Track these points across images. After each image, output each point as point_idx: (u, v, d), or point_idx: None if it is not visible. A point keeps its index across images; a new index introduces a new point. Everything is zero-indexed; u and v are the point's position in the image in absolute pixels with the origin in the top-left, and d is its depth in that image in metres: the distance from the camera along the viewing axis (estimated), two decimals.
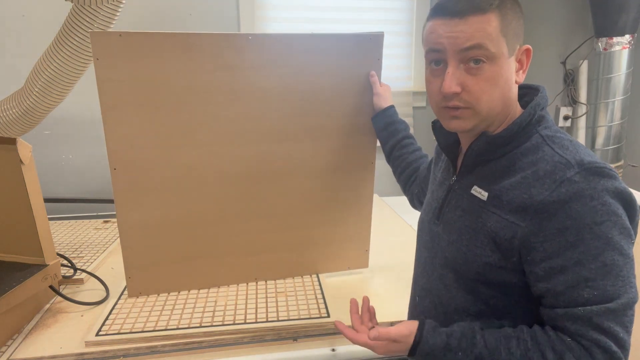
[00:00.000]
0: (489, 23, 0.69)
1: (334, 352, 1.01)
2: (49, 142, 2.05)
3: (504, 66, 0.70)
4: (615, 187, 0.65)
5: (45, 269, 1.11)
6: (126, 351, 1.01)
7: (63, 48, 1.46)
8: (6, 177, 1.08)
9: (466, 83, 0.71)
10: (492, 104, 0.72)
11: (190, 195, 1.17)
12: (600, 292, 0.64)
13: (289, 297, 1.21)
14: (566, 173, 0.66)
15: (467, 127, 0.74)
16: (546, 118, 0.74)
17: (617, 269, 0.64)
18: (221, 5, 2.11)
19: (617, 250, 0.64)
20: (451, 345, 0.71)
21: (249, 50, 1.09)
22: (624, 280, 0.64)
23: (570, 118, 2.62)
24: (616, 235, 0.64)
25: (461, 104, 0.72)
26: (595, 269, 0.64)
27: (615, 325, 0.63)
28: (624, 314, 0.64)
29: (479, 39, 0.68)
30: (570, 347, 0.65)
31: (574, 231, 0.64)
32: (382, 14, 2.28)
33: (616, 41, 2.12)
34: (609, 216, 0.64)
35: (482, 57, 0.69)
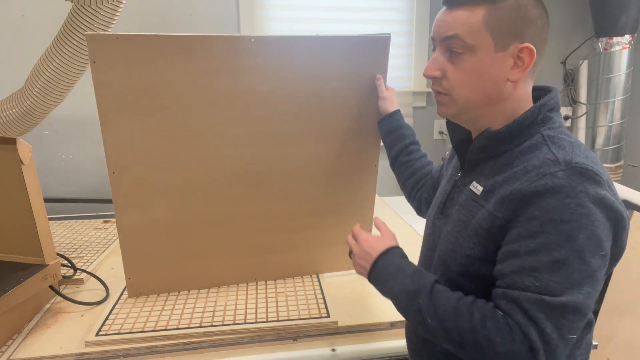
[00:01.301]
0: (472, 16, 0.71)
1: (334, 352, 1.01)
2: (49, 142, 2.05)
3: (486, 60, 0.72)
4: (597, 192, 0.64)
5: (45, 269, 1.11)
6: (126, 351, 1.01)
7: (63, 48, 1.46)
8: (6, 177, 1.08)
9: (446, 70, 0.75)
10: (469, 95, 0.74)
11: (191, 197, 1.16)
12: (542, 284, 0.64)
13: (289, 297, 1.21)
14: (551, 168, 0.66)
15: (449, 113, 0.79)
16: (553, 119, 0.74)
17: (569, 270, 0.63)
18: (221, 5, 2.11)
19: (577, 253, 0.63)
20: (405, 271, 0.77)
21: (252, 52, 1.06)
22: (573, 284, 0.63)
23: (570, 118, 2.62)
24: (581, 239, 0.63)
25: (441, 90, 0.77)
26: (545, 263, 0.64)
27: (546, 320, 0.63)
28: (561, 315, 0.62)
29: (456, 30, 0.72)
30: (497, 318, 0.66)
31: (539, 222, 0.65)
32: (382, 14, 2.28)
33: (616, 41, 2.12)
34: (580, 218, 0.63)
35: (459, 47, 0.73)
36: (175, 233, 1.18)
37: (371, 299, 1.22)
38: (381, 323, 1.10)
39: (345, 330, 1.08)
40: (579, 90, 2.54)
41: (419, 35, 2.31)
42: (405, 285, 0.75)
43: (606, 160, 2.24)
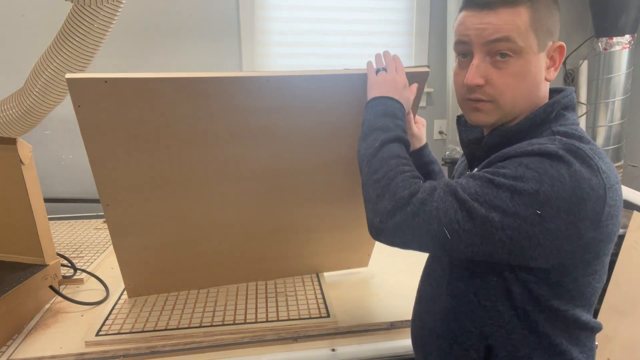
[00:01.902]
0: (519, 16, 0.69)
1: (334, 352, 1.01)
2: (49, 142, 2.05)
3: (532, 61, 0.70)
4: (581, 170, 0.63)
5: (45, 269, 1.11)
6: (126, 351, 1.01)
7: (63, 48, 1.46)
8: (6, 177, 1.08)
9: (491, 76, 0.71)
10: (516, 99, 0.72)
11: (188, 222, 1.11)
12: (467, 186, 0.67)
13: (289, 297, 1.21)
14: (544, 141, 0.67)
15: (490, 120, 0.75)
16: (567, 117, 0.73)
17: (496, 192, 0.64)
18: (221, 5, 2.12)
19: (515, 190, 0.63)
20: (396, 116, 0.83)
21: (260, 93, 0.92)
22: (487, 201, 0.64)
23: None
24: (530, 187, 0.63)
25: (484, 97, 0.73)
26: (484, 178, 0.66)
27: (444, 194, 0.67)
28: (456, 201, 0.66)
29: (507, 31, 0.69)
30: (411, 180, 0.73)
31: (510, 162, 0.66)
32: (382, 14, 2.28)
33: (616, 41, 2.12)
34: (544, 175, 0.62)
35: (508, 50, 0.69)
36: (172, 250, 1.16)
37: (371, 299, 1.22)
38: (381, 323, 1.10)
39: (345, 330, 1.08)
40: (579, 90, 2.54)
41: (419, 35, 2.31)
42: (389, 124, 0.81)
43: None
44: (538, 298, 0.71)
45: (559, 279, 0.70)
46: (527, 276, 0.70)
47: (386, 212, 0.71)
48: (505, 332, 0.74)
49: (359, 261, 1.37)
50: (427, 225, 0.67)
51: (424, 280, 0.90)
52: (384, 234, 0.72)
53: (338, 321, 1.09)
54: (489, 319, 0.75)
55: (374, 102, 0.85)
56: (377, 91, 0.87)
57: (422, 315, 0.88)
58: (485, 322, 0.75)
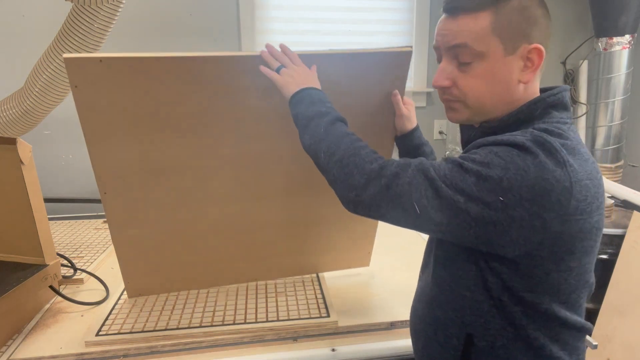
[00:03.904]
0: (478, 22, 0.71)
1: (334, 352, 1.01)
2: (49, 142, 2.05)
3: (498, 65, 0.72)
4: (546, 163, 0.64)
5: (45, 269, 1.11)
6: (126, 351, 1.01)
7: (63, 48, 1.46)
8: (6, 177, 1.08)
9: (456, 79, 0.75)
10: (482, 100, 0.75)
11: (186, 213, 1.12)
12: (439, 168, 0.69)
13: (289, 297, 1.21)
14: (517, 134, 0.69)
15: (462, 118, 0.79)
16: (552, 114, 0.73)
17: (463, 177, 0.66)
18: (221, 5, 2.12)
19: (481, 176, 0.65)
20: (321, 100, 0.86)
21: (255, 72, 0.93)
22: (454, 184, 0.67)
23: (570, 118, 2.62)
24: (496, 173, 0.64)
25: (452, 98, 0.77)
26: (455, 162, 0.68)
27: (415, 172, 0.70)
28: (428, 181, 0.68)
29: (463, 38, 0.72)
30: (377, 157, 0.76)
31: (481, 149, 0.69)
32: (382, 14, 2.28)
33: (616, 41, 2.12)
34: (511, 164, 0.64)
35: (467, 55, 0.72)
36: (171, 243, 1.16)
37: (371, 299, 1.22)
38: (381, 323, 1.10)
39: (345, 330, 1.08)
40: (579, 90, 2.54)
41: (419, 36, 2.31)
42: (323, 109, 0.84)
43: (606, 160, 2.24)
44: (511, 289, 0.72)
45: (529, 270, 0.70)
46: (499, 266, 0.71)
47: (360, 185, 0.74)
48: (484, 322, 0.76)
49: (360, 260, 1.37)
50: (400, 198, 0.70)
51: (421, 270, 0.94)
52: (362, 205, 0.75)
53: (338, 321, 1.09)
54: (468, 308, 0.77)
55: (296, 96, 0.88)
56: (292, 87, 0.89)
57: (416, 303, 0.90)
58: (466, 312, 0.77)
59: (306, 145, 0.85)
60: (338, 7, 2.24)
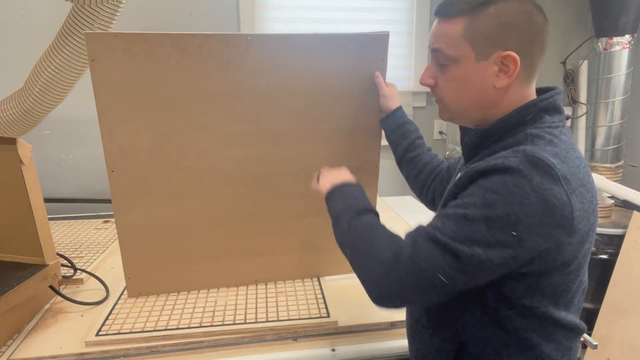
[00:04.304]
0: (452, 28, 0.74)
1: (334, 352, 1.01)
2: (49, 142, 2.05)
3: (471, 70, 0.74)
4: (543, 183, 0.64)
5: (45, 269, 1.11)
6: (126, 351, 1.01)
7: (63, 48, 1.46)
8: (6, 177, 1.08)
9: (438, 79, 0.80)
10: (459, 103, 0.79)
11: (189, 197, 1.15)
12: (444, 227, 0.68)
13: (289, 297, 1.21)
14: (508, 154, 0.68)
15: (445, 117, 0.84)
16: (544, 119, 0.74)
17: (472, 227, 0.65)
18: (221, 5, 2.12)
19: (488, 219, 0.65)
20: (354, 195, 0.87)
21: (249, 51, 1.07)
22: (466, 238, 0.65)
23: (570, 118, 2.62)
24: (500, 211, 0.64)
25: (435, 97, 0.83)
26: (457, 214, 0.68)
27: (441, 220, 0.69)
28: (440, 247, 0.67)
29: (438, 42, 0.77)
30: (388, 233, 0.77)
31: (475, 187, 0.68)
32: (382, 14, 2.28)
33: (616, 41, 2.12)
34: (510, 195, 0.64)
35: (442, 58, 0.77)
36: (174, 233, 1.18)
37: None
38: (381, 323, 1.10)
39: (345, 330, 1.08)
40: (579, 90, 2.54)
41: (419, 35, 2.31)
42: (351, 202, 0.85)
43: (606, 160, 2.24)
44: (510, 298, 0.73)
45: (534, 280, 0.71)
46: (502, 279, 0.71)
47: (380, 278, 0.72)
48: (477, 330, 0.76)
49: None
50: (422, 277, 0.68)
51: None
52: (387, 300, 0.73)
53: (338, 321, 1.09)
54: (461, 317, 0.78)
55: (329, 195, 0.92)
56: (327, 187, 0.93)
57: None
58: (458, 319, 0.78)
59: (338, 242, 0.86)
60: (338, 7, 2.24)
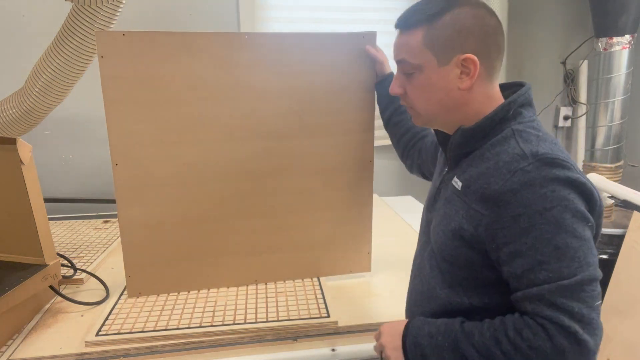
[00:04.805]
0: (412, 38, 0.79)
1: (334, 352, 1.01)
2: (49, 142, 2.05)
3: (434, 75, 0.78)
4: (567, 175, 0.69)
5: (45, 269, 1.11)
6: (126, 351, 1.01)
7: (63, 48, 1.46)
8: (6, 177, 1.08)
9: (406, 87, 0.84)
10: (428, 107, 0.82)
11: (190, 192, 1.18)
12: (555, 274, 0.67)
13: (289, 297, 1.21)
14: (520, 164, 0.71)
15: (419, 122, 0.87)
16: (523, 114, 0.78)
17: (572, 251, 0.67)
18: (221, 5, 2.12)
19: (570, 233, 0.67)
20: (432, 332, 0.77)
21: (246, 49, 1.13)
22: (580, 261, 0.67)
23: (570, 118, 2.62)
24: (568, 218, 0.67)
25: (406, 104, 0.87)
26: (549, 252, 0.67)
27: (570, 302, 0.66)
28: (580, 289, 0.66)
29: (402, 53, 0.81)
30: (528, 324, 0.68)
31: (526, 217, 0.69)
32: (382, 14, 2.28)
33: (616, 41, 2.12)
34: (559, 201, 0.67)
35: (407, 68, 0.81)
36: (175, 228, 1.20)
37: (371, 299, 1.22)
38: (381, 323, 1.09)
39: (345, 330, 1.08)
40: (579, 90, 2.54)
41: None
42: (439, 342, 0.75)
43: (606, 160, 2.24)
44: None
45: None
46: None
47: None
48: None
49: (360, 263, 1.36)
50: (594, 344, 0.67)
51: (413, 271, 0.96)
52: None
53: (338, 321, 1.09)
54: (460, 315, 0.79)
55: (411, 355, 0.79)
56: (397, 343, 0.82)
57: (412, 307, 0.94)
58: None
59: None
60: (338, 8, 2.24)
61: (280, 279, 1.31)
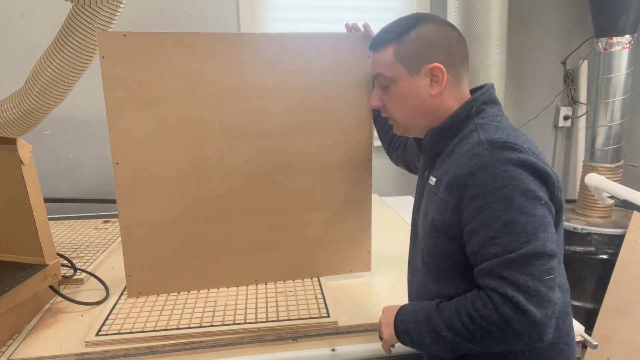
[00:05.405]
0: (385, 54, 0.87)
1: (334, 352, 1.01)
2: (49, 142, 2.06)
3: (407, 85, 0.86)
4: (519, 157, 0.73)
5: (45, 269, 1.11)
6: (126, 351, 1.01)
7: (63, 48, 1.46)
8: (6, 177, 1.08)
9: (384, 100, 0.91)
10: (406, 116, 0.89)
11: (190, 191, 1.19)
12: (503, 248, 0.72)
13: (289, 297, 1.21)
14: (476, 149, 0.77)
15: (399, 132, 0.95)
16: (486, 110, 0.84)
17: (519, 226, 0.71)
18: (221, 6, 2.12)
19: (519, 210, 0.72)
20: (415, 310, 0.85)
21: (245, 49, 1.15)
22: (528, 236, 0.71)
23: (570, 118, 2.62)
24: (517, 197, 0.72)
25: (386, 115, 0.94)
26: (498, 228, 0.72)
27: (516, 274, 0.70)
28: (527, 262, 0.70)
29: (377, 69, 0.89)
30: (481, 297, 0.73)
31: (480, 197, 0.74)
32: (382, 14, 2.28)
33: (616, 41, 2.12)
34: (510, 181, 0.72)
35: (384, 81, 0.88)
36: (175, 227, 1.20)
37: (371, 299, 1.22)
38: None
39: (345, 330, 1.08)
40: (579, 90, 2.55)
41: None
42: (419, 317, 0.83)
43: (606, 160, 2.24)
44: None
45: None
46: None
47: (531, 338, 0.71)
48: None
49: (360, 262, 1.36)
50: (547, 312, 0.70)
51: (409, 272, 1.00)
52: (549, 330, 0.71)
53: (338, 321, 1.09)
54: None
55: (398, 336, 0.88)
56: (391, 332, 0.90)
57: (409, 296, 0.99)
58: None
59: (455, 352, 0.82)
60: (338, 8, 2.24)
61: (280, 279, 1.31)
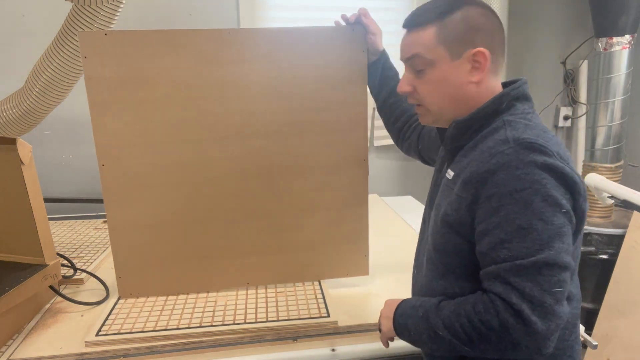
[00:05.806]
0: (425, 34, 0.80)
1: (334, 352, 1.01)
2: (49, 142, 2.05)
3: (447, 69, 0.80)
4: (545, 160, 0.69)
5: (45, 269, 1.11)
6: (126, 351, 1.01)
7: (63, 48, 1.46)
8: (6, 177, 1.08)
9: (415, 85, 0.84)
10: (440, 103, 0.83)
11: (179, 193, 1.16)
12: (514, 253, 0.68)
13: (289, 297, 1.21)
14: (500, 147, 0.73)
15: (427, 121, 0.88)
16: (516, 107, 0.80)
17: (535, 233, 0.68)
18: (221, 6, 2.12)
19: (536, 215, 0.68)
20: (415, 305, 0.82)
21: (231, 45, 1.11)
22: (542, 244, 0.67)
23: (570, 118, 2.62)
24: (537, 202, 0.68)
25: (415, 102, 0.87)
26: (512, 232, 0.69)
27: (523, 281, 0.67)
28: (537, 271, 0.67)
29: (414, 49, 0.82)
30: (483, 300, 0.71)
31: (497, 197, 0.70)
32: (382, 14, 2.28)
33: (616, 41, 2.12)
34: (531, 184, 0.68)
35: (420, 64, 0.82)
36: (165, 230, 1.17)
37: (371, 299, 1.22)
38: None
39: (345, 330, 1.08)
40: (579, 90, 2.54)
41: None
42: (418, 313, 0.80)
43: (606, 160, 2.24)
44: None
45: None
46: None
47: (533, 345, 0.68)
48: None
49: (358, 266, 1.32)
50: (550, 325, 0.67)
51: (415, 268, 0.97)
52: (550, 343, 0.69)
53: (338, 321, 1.09)
54: None
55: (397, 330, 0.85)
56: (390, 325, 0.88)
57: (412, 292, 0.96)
58: None
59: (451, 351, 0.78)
60: (338, 8, 2.23)
61: (273, 282, 1.28)
